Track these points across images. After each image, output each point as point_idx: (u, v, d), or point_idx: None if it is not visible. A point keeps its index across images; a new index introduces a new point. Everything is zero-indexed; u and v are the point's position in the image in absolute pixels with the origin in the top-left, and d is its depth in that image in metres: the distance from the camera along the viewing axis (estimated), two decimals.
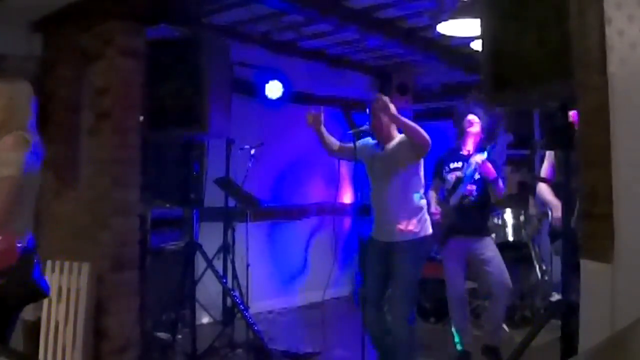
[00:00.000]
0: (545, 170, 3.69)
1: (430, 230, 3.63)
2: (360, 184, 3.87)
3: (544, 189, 3.64)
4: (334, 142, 3.76)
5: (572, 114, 2.39)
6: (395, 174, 3.55)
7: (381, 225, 3.63)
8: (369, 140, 3.71)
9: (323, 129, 3.67)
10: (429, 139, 3.46)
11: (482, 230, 4.09)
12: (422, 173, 3.65)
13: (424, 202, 3.65)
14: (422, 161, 3.63)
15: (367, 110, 3.61)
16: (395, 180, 3.55)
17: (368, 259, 3.70)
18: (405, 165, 3.54)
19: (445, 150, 4.21)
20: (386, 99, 3.47)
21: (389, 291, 3.63)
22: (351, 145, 3.61)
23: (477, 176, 3.94)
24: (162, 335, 4.14)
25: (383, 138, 3.64)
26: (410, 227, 3.51)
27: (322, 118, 3.60)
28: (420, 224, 3.56)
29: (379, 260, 3.61)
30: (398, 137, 3.63)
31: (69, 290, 3.53)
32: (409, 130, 3.45)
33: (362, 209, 5.46)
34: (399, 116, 3.46)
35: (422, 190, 3.66)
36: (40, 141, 2.59)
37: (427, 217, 3.65)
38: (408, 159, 3.54)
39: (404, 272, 3.50)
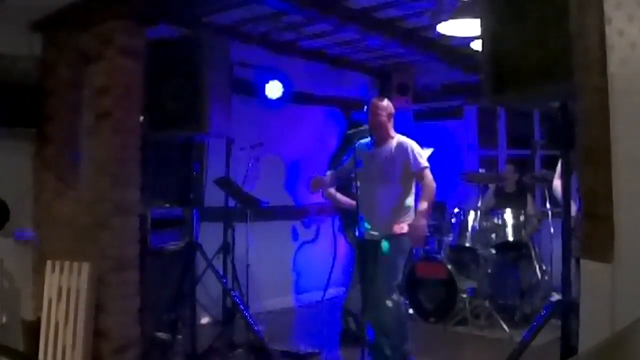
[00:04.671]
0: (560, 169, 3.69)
1: None
2: None
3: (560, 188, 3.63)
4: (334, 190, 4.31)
5: None
6: (389, 179, 3.66)
7: (371, 224, 3.72)
8: (366, 139, 3.77)
9: (331, 190, 4.28)
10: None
11: None
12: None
13: (412, 200, 3.78)
14: None
15: (365, 108, 3.66)
16: (389, 183, 3.62)
17: (362, 263, 3.80)
18: (399, 174, 3.68)
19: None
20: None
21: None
22: (342, 167, 3.94)
23: None
24: (162, 335, 4.13)
25: (380, 137, 3.68)
26: (397, 229, 3.68)
27: (327, 180, 3.94)
28: (408, 221, 3.71)
29: (371, 260, 3.71)
30: (396, 139, 3.66)
31: (69, 290, 3.53)
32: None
33: None
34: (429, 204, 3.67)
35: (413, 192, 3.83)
36: None
37: (413, 214, 3.77)
38: (402, 171, 3.67)
39: (389, 258, 3.67)
